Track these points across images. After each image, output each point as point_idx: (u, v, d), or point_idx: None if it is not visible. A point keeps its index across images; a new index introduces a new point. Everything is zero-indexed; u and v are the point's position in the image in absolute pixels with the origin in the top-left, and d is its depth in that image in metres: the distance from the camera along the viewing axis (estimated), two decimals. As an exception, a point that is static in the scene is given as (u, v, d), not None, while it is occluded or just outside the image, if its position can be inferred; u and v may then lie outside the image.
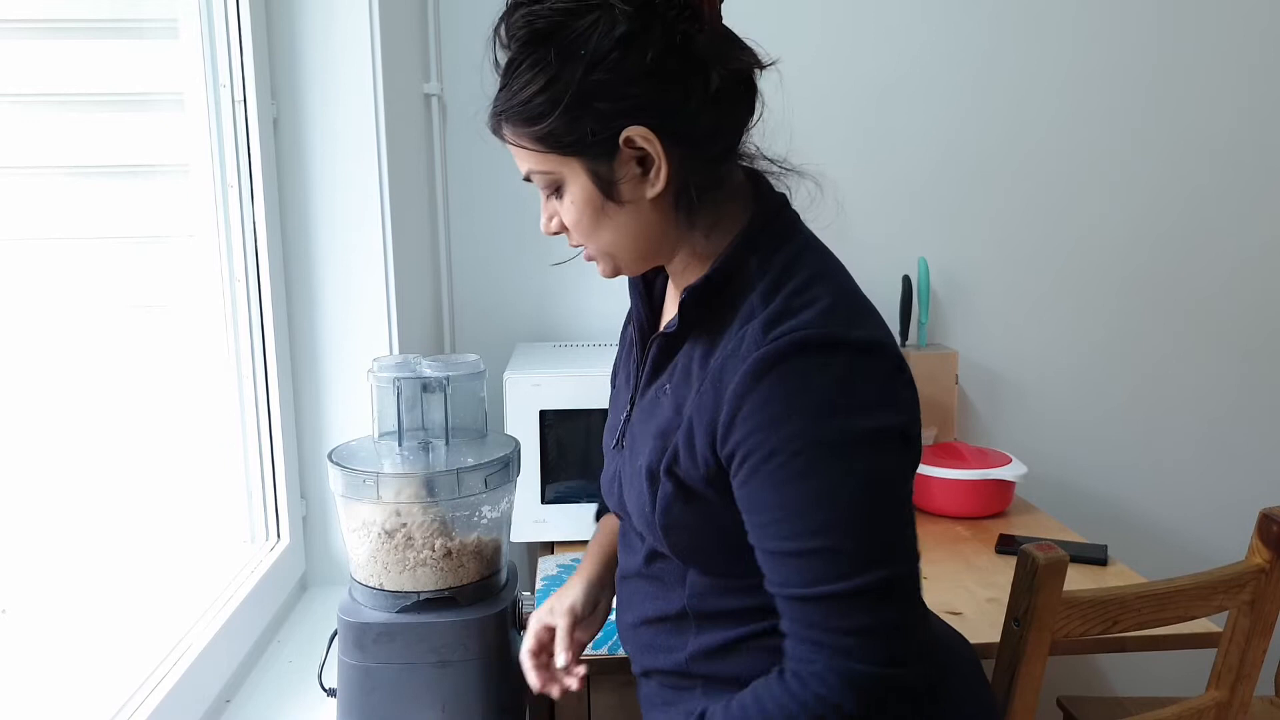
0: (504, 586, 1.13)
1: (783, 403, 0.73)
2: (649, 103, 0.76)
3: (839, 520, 0.73)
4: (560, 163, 0.79)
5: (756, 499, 0.76)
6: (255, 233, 1.32)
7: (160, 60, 1.26)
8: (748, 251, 0.82)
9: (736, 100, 0.81)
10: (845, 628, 0.74)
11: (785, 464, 0.73)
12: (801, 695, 0.76)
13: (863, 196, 2.01)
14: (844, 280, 0.85)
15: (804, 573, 0.75)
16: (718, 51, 0.78)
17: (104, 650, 1.06)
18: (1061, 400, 2.12)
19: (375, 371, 1.10)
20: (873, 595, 0.74)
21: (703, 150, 0.79)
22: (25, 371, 1.14)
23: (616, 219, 0.81)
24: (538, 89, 0.76)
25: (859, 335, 0.76)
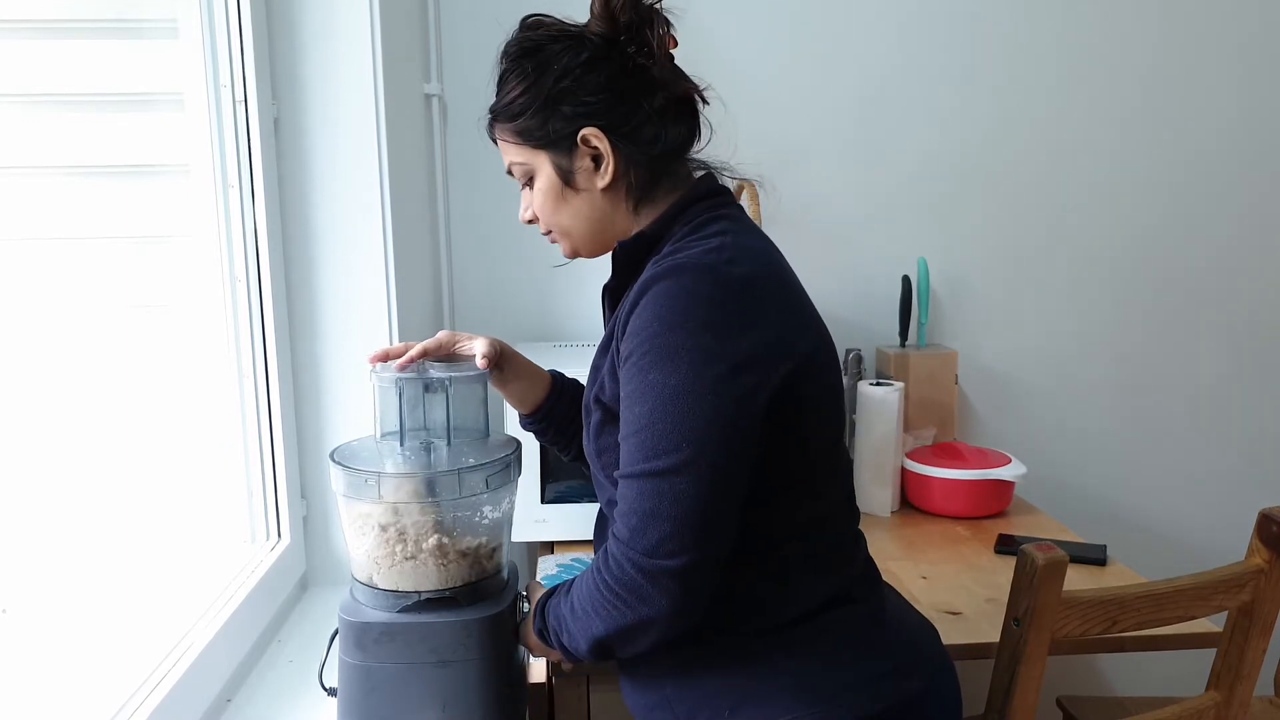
0: (504, 586, 1.13)
1: (649, 312, 0.85)
2: (603, 110, 0.93)
3: (648, 412, 0.83)
4: (532, 155, 0.97)
5: (621, 394, 0.87)
6: (255, 233, 1.32)
7: (160, 60, 1.26)
8: (675, 217, 0.96)
9: (677, 118, 0.97)
10: (624, 509, 0.84)
11: (637, 361, 0.85)
12: (594, 574, 0.87)
13: (863, 197, 2.01)
14: (753, 242, 0.94)
15: (624, 457, 0.86)
16: (664, 79, 0.95)
17: (104, 650, 1.06)
18: (1061, 400, 2.12)
19: (378, 372, 1.10)
20: (652, 482, 0.82)
21: (645, 151, 0.95)
22: (25, 371, 1.14)
23: (573, 204, 0.98)
24: (519, 93, 0.95)
25: (724, 267, 0.86)
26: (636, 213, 0.98)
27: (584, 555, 1.59)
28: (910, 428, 1.90)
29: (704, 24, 1.92)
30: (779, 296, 0.90)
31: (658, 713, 0.95)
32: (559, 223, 1.00)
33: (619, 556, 0.84)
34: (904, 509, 1.84)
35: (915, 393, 1.90)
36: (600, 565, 0.87)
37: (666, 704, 0.94)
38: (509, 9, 1.02)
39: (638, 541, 0.82)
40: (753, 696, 0.89)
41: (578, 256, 1.04)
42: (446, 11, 1.85)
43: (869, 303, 2.04)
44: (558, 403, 1.17)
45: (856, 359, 1.93)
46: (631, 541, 0.83)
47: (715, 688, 0.91)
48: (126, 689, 0.98)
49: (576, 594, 0.92)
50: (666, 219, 0.96)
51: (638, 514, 0.83)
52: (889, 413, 1.77)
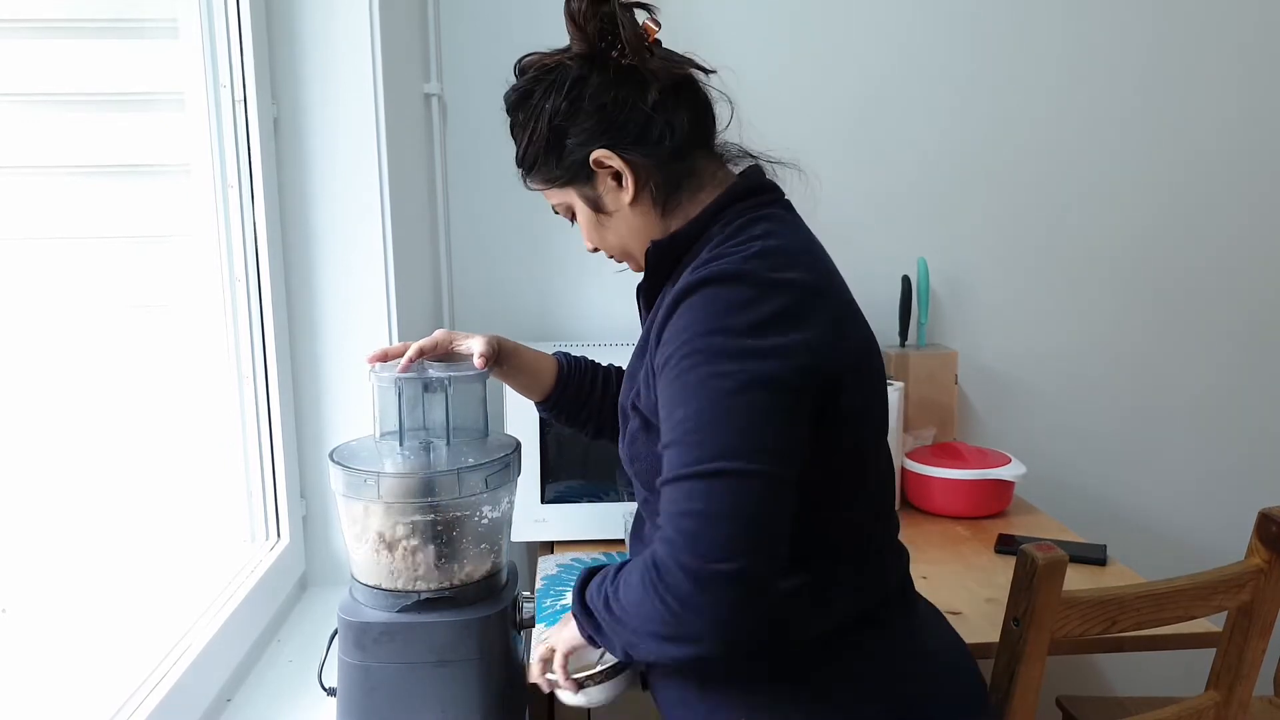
0: (504, 586, 1.13)
1: (687, 319, 0.84)
2: (603, 128, 0.93)
3: (694, 415, 0.80)
4: (562, 194, 0.98)
5: (660, 401, 0.85)
6: (255, 233, 1.32)
7: (160, 60, 1.26)
8: (712, 217, 0.94)
9: (678, 104, 0.94)
10: (673, 511, 0.80)
11: (674, 366, 0.83)
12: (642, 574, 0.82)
13: (862, 197, 2.01)
14: (796, 245, 0.91)
15: (669, 462, 0.82)
16: (654, 70, 0.92)
17: (104, 650, 1.06)
18: (1061, 400, 2.12)
19: (377, 371, 1.10)
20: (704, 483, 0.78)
21: (659, 151, 0.93)
22: (25, 371, 1.14)
23: (612, 227, 0.98)
24: (527, 142, 0.96)
25: (765, 273, 0.84)
26: (665, 217, 0.96)
27: (584, 555, 1.59)
28: (910, 428, 1.90)
29: (703, 23, 1.92)
30: (822, 301, 0.87)
31: (679, 710, 0.95)
32: (610, 246, 1.01)
33: (669, 561, 0.78)
34: (904, 509, 1.84)
35: (915, 393, 1.90)
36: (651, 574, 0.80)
37: (685, 703, 0.94)
38: (509, 9, 1.02)
39: (693, 545, 0.77)
40: (767, 711, 0.89)
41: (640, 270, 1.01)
42: (446, 11, 1.85)
43: (869, 303, 2.00)
44: (565, 389, 1.16)
45: (856, 359, 1.92)
46: (686, 545, 0.78)
47: (736, 696, 0.91)
48: (126, 689, 0.98)
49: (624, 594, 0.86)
50: (703, 219, 0.94)
51: (691, 516, 0.78)
52: (889, 413, 1.77)
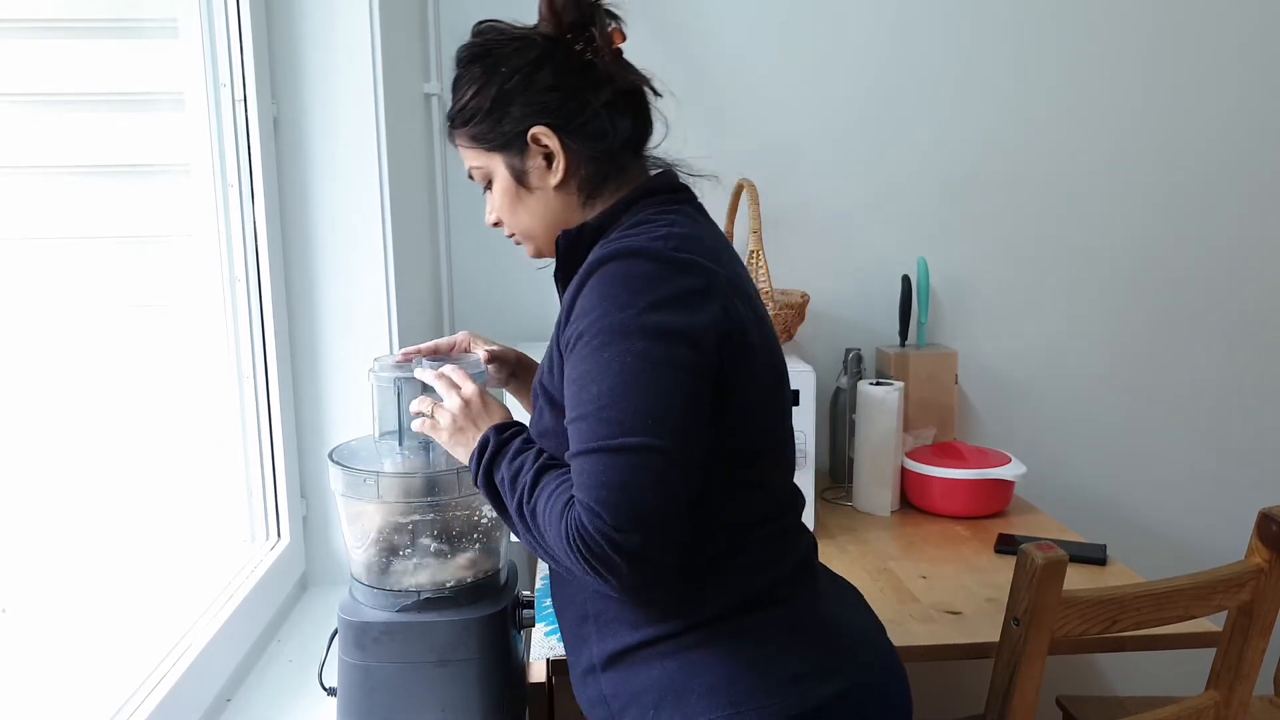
0: (504, 586, 1.13)
1: (595, 295, 0.86)
2: (551, 108, 0.95)
3: (608, 390, 0.83)
4: (487, 158, 0.99)
5: (568, 376, 0.87)
6: (255, 233, 1.32)
7: (160, 60, 1.26)
8: (623, 209, 0.97)
9: (625, 111, 0.98)
10: (582, 483, 0.82)
11: (585, 343, 0.85)
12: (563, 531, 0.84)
13: (862, 197, 2.01)
14: (702, 234, 0.94)
15: (578, 435, 0.84)
16: (611, 74, 0.96)
17: (104, 650, 1.06)
18: (1061, 400, 2.12)
19: (376, 371, 1.10)
20: (612, 456, 0.81)
21: (595, 146, 0.96)
22: (25, 371, 1.14)
23: (529, 204, 1.00)
24: (469, 96, 0.97)
25: (671, 254, 0.87)
26: (585, 208, 0.99)
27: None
28: (910, 427, 1.90)
29: (702, 22, 1.92)
30: (723, 285, 0.89)
31: (598, 709, 0.96)
32: (518, 223, 1.02)
33: (588, 526, 0.81)
34: (904, 509, 1.84)
35: (915, 392, 1.90)
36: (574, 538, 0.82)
37: (603, 700, 0.95)
38: (509, 9, 1.02)
39: (611, 515, 0.80)
40: (673, 695, 0.89)
41: (541, 256, 1.05)
42: (446, 11, 1.85)
43: (869, 303, 2.04)
44: None
45: (856, 359, 1.93)
46: (604, 514, 0.80)
47: (643, 685, 0.91)
48: (126, 689, 0.98)
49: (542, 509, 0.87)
50: (614, 211, 0.97)
51: (608, 487, 0.81)
52: (889, 413, 1.77)
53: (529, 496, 0.89)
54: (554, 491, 0.86)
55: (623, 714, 0.93)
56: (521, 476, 0.90)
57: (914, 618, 1.35)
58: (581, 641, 0.97)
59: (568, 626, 1.00)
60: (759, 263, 1.71)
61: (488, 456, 0.94)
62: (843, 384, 1.92)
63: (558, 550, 0.84)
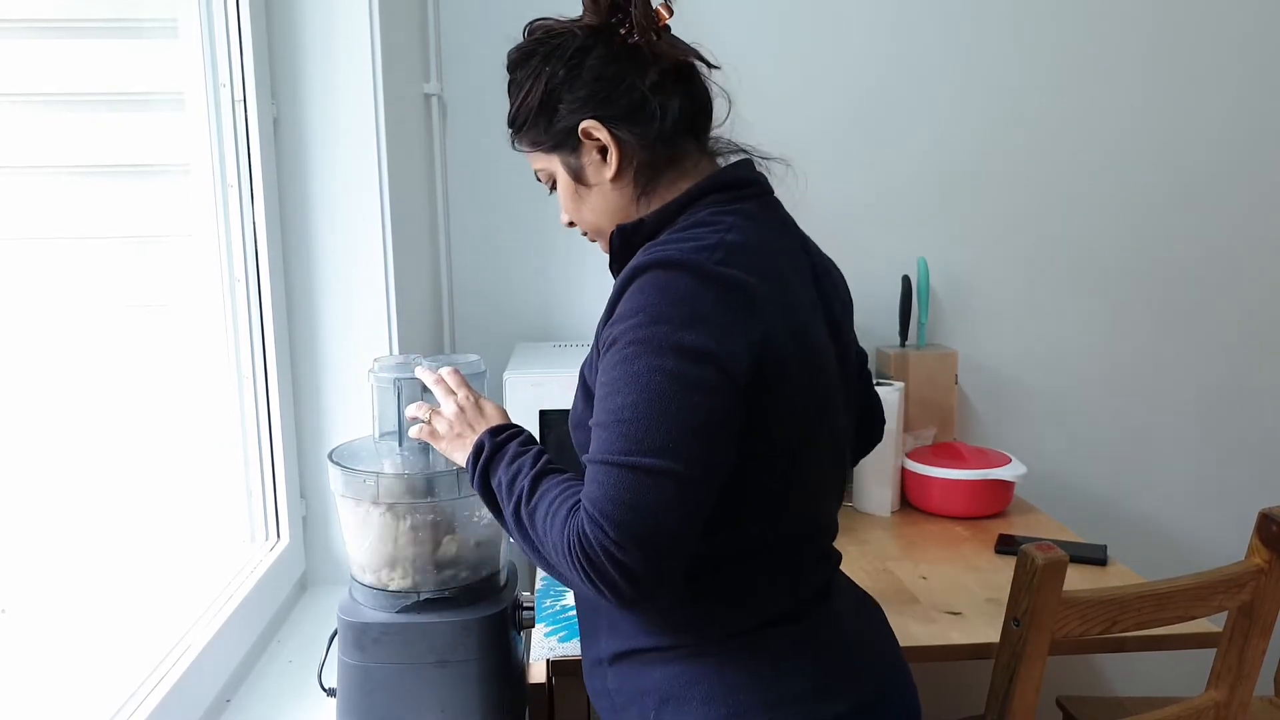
0: (504, 586, 1.13)
1: (633, 302, 0.85)
2: (598, 99, 0.93)
3: (631, 405, 0.82)
4: (546, 159, 0.98)
5: (600, 378, 0.87)
6: (255, 233, 1.32)
7: (160, 60, 1.26)
8: (681, 206, 0.94)
9: (674, 90, 0.95)
10: (593, 494, 0.82)
11: (619, 350, 0.84)
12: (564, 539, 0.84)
13: (863, 197, 2.01)
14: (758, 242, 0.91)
15: (599, 443, 0.84)
16: (657, 53, 0.93)
17: (104, 650, 1.06)
18: (1061, 400, 2.12)
19: (375, 372, 1.10)
20: (627, 473, 0.81)
21: (647, 132, 0.94)
22: (25, 371, 1.14)
23: (590, 200, 0.98)
24: (520, 101, 0.96)
25: (715, 268, 0.85)
26: (641, 199, 0.96)
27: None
28: (910, 428, 1.90)
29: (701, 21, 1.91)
30: (764, 304, 0.86)
31: (601, 700, 0.97)
32: (585, 220, 1.00)
33: (592, 537, 0.80)
34: (904, 509, 1.84)
35: (915, 393, 1.90)
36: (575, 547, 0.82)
37: (607, 693, 0.96)
38: (508, 8, 1.02)
39: (615, 530, 0.79)
40: (674, 700, 0.90)
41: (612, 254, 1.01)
42: (446, 12, 1.85)
43: (869, 303, 2.03)
44: None
45: (856, 359, 1.93)
46: (608, 529, 0.80)
47: (646, 686, 0.92)
48: (126, 689, 0.98)
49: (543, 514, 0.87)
50: (671, 209, 0.94)
51: (617, 503, 0.80)
52: (889, 413, 1.76)
53: (528, 500, 0.88)
54: (557, 497, 0.86)
55: (624, 709, 0.93)
56: (519, 480, 0.90)
57: (914, 618, 1.35)
58: (594, 631, 0.98)
59: (583, 614, 1.01)
60: (759, 263, 1.71)
61: (483, 460, 0.94)
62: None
63: (556, 556, 0.84)
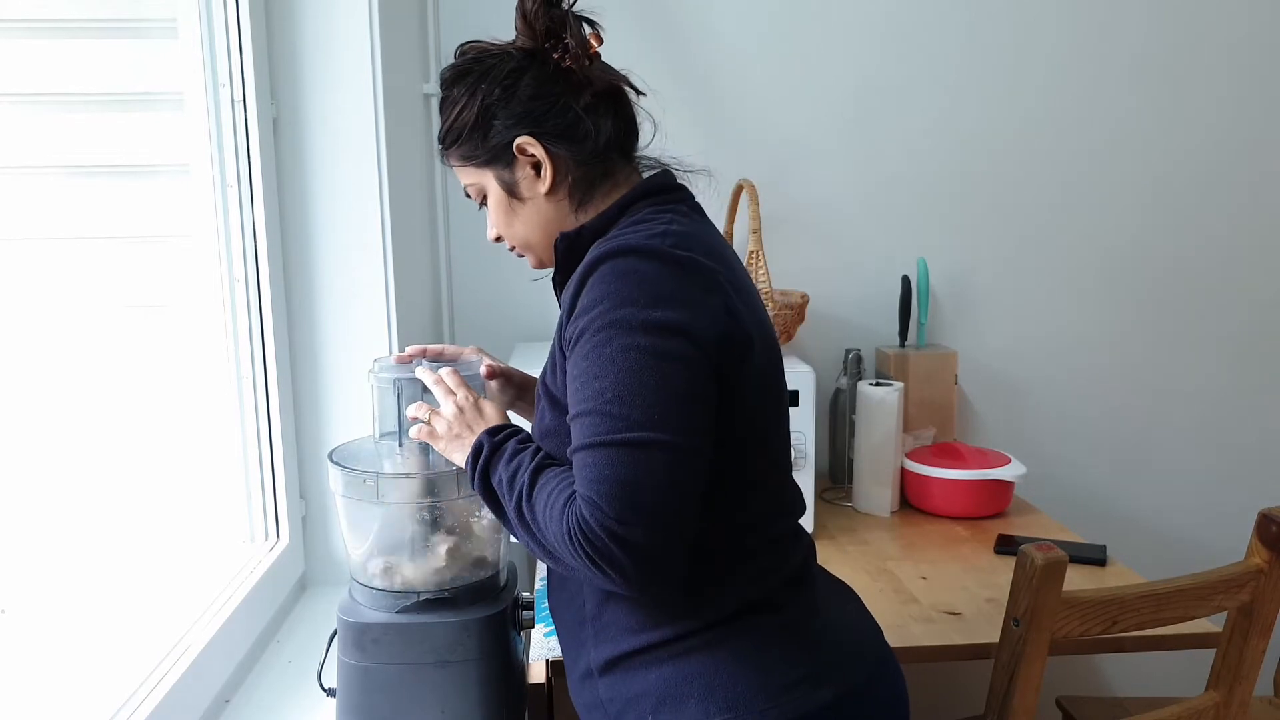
0: (504, 587, 1.13)
1: (596, 292, 0.86)
2: (533, 117, 0.96)
3: (610, 386, 0.83)
4: (479, 174, 1.01)
5: (571, 373, 0.88)
6: (255, 233, 1.32)
7: (160, 60, 1.26)
8: (619, 211, 0.98)
9: (606, 112, 0.98)
10: (585, 478, 0.83)
11: (587, 340, 0.86)
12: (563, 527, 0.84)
13: (862, 197, 2.01)
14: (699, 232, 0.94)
15: (580, 431, 0.85)
16: (590, 77, 0.97)
17: (104, 650, 1.06)
18: (1061, 400, 2.12)
19: (375, 372, 1.10)
20: (615, 450, 0.82)
21: (580, 150, 0.97)
22: (25, 371, 1.14)
23: (522, 214, 1.01)
24: (455, 116, 0.98)
25: (671, 250, 0.87)
26: (578, 213, 0.99)
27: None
28: (910, 428, 1.90)
29: (701, 22, 1.92)
30: (722, 282, 0.89)
31: (594, 713, 0.96)
32: (515, 235, 1.03)
33: (590, 520, 0.80)
34: (904, 509, 1.84)
35: (915, 393, 1.90)
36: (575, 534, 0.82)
37: (599, 705, 0.95)
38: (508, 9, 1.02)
39: (613, 509, 0.80)
40: (671, 700, 0.90)
41: (543, 266, 1.05)
42: (446, 11, 1.85)
43: (869, 303, 2.04)
44: None
45: (856, 359, 1.93)
46: (605, 508, 0.80)
47: (640, 689, 0.91)
48: (126, 689, 0.98)
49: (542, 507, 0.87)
50: (610, 214, 0.97)
51: (612, 481, 0.80)
52: (889, 413, 1.77)
53: (528, 495, 0.89)
54: (554, 489, 0.86)
55: (620, 718, 0.93)
56: (519, 476, 0.90)
57: (914, 618, 1.35)
58: (579, 645, 0.97)
59: (565, 630, 1.00)
60: (759, 263, 1.71)
61: (483, 459, 0.94)
62: (842, 384, 1.92)
63: (559, 547, 0.84)
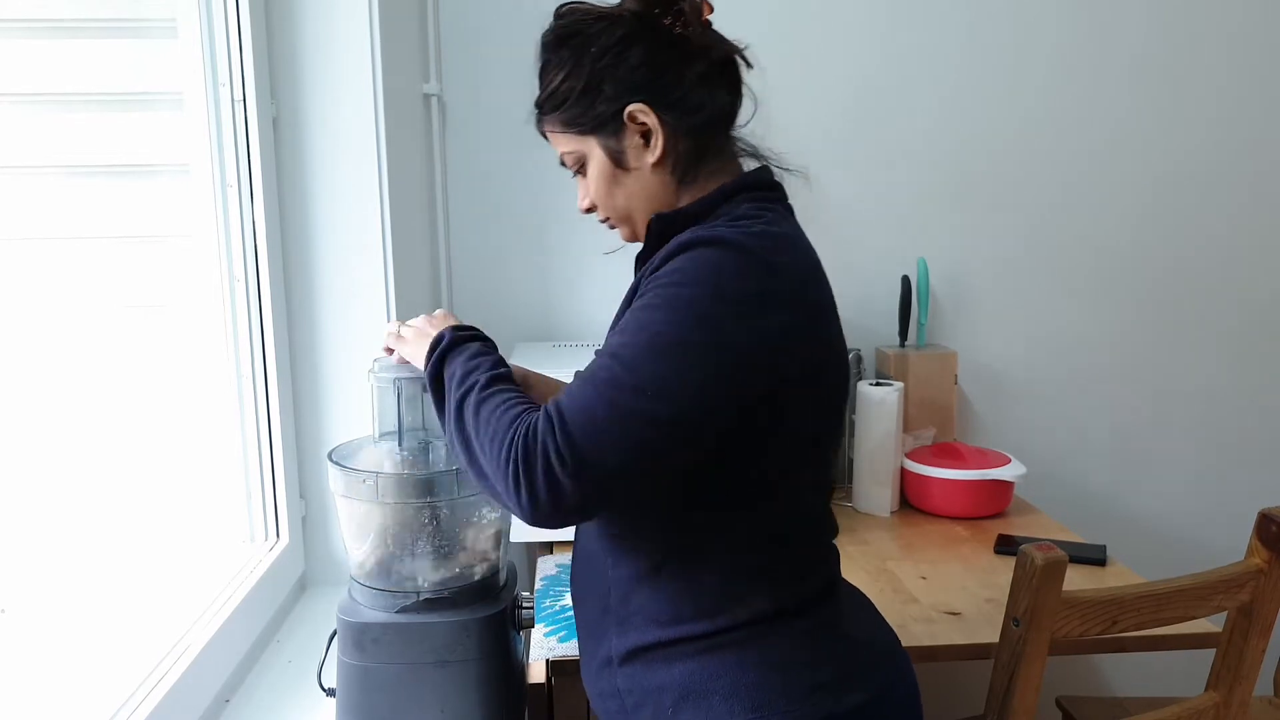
0: (503, 586, 1.13)
1: (677, 266, 0.85)
2: (646, 84, 0.92)
3: (648, 347, 0.82)
4: (581, 141, 0.96)
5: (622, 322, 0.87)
6: (255, 233, 1.32)
7: (160, 60, 1.26)
8: (721, 199, 0.95)
9: (719, 83, 0.96)
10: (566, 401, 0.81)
11: (649, 300, 0.85)
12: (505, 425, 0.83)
13: (862, 197, 2.01)
14: (796, 240, 0.93)
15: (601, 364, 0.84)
16: (704, 45, 0.94)
17: (104, 650, 1.06)
18: (1061, 400, 2.12)
19: (375, 372, 1.10)
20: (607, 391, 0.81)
21: (691, 121, 0.94)
22: (25, 371, 1.14)
23: (626, 185, 0.96)
24: (560, 80, 0.94)
25: (761, 253, 0.86)
26: (681, 190, 0.96)
27: (583, 555, 1.59)
28: (910, 428, 1.90)
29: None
30: (807, 301, 0.88)
31: (609, 701, 0.95)
32: (615, 206, 0.98)
33: (539, 430, 0.80)
34: (903, 509, 1.84)
35: (915, 393, 1.90)
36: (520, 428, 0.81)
37: (617, 694, 0.94)
38: (508, 9, 1.02)
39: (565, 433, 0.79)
40: (694, 695, 0.89)
41: (636, 240, 1.00)
42: (446, 11, 1.85)
43: (869, 303, 2.04)
44: None
45: (856, 359, 1.93)
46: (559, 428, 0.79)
47: (661, 683, 0.91)
48: (125, 689, 0.98)
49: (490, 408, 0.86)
50: (710, 201, 0.94)
51: (586, 413, 0.80)
52: (888, 413, 1.77)
53: (480, 390, 0.87)
54: (511, 400, 0.85)
55: (637, 710, 0.92)
56: (474, 375, 0.89)
57: (914, 618, 1.35)
58: (601, 633, 0.96)
59: (587, 617, 0.99)
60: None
61: (442, 348, 0.93)
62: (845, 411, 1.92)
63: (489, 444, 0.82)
